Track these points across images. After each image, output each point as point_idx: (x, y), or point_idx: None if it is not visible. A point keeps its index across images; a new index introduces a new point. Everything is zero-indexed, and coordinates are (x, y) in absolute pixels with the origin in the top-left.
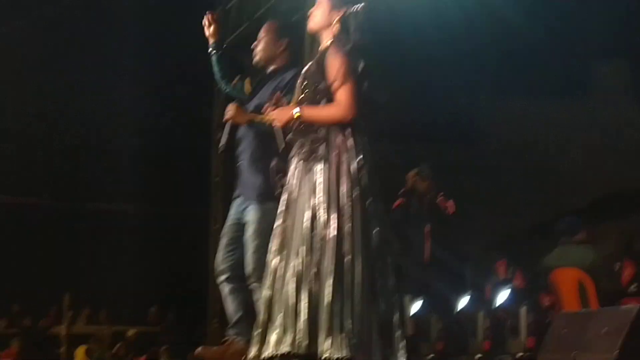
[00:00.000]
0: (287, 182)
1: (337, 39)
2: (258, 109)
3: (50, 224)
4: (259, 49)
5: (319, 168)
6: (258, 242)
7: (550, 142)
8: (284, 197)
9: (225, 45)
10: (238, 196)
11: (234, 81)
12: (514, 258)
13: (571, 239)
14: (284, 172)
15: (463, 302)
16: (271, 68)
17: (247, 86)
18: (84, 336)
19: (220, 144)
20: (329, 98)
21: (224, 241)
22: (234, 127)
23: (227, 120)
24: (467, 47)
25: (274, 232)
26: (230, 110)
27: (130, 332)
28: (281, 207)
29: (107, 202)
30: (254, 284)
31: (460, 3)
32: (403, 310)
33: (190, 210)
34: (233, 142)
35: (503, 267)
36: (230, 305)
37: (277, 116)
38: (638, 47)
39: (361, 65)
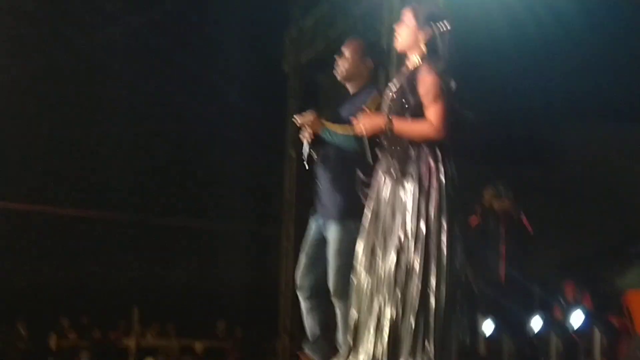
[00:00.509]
0: (372, 196)
1: (429, 58)
2: None
3: (120, 237)
4: (345, 66)
5: (410, 188)
6: (340, 260)
7: (625, 165)
8: (369, 212)
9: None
10: (316, 214)
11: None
12: (582, 280)
13: None
14: (369, 185)
15: (535, 323)
16: (353, 87)
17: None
18: (152, 349)
19: (305, 157)
20: (416, 114)
21: (303, 258)
22: (314, 140)
23: (302, 125)
24: (550, 69)
25: (358, 248)
26: (307, 116)
27: (198, 346)
28: (367, 222)
29: (177, 217)
30: (337, 301)
31: (542, 25)
32: (476, 331)
33: (261, 226)
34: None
35: (571, 289)
36: (309, 323)
37: (366, 122)
38: None
39: (453, 86)
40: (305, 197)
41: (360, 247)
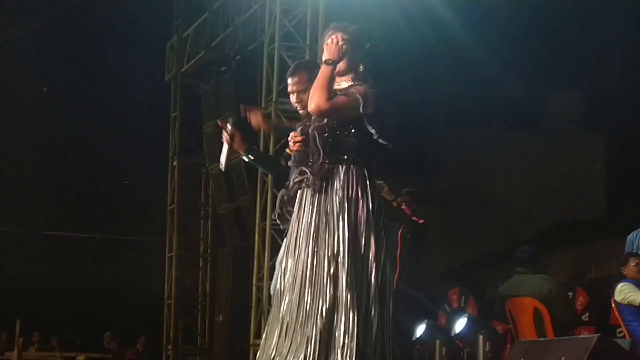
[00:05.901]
0: (295, 209)
1: (363, 78)
2: None
3: (2, 248)
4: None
5: (337, 202)
6: None
7: (503, 172)
8: (294, 226)
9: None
10: None
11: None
12: (467, 286)
13: (528, 268)
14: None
15: (420, 329)
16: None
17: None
18: None
19: (223, 160)
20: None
21: None
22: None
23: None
24: (422, 77)
25: (285, 259)
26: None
27: (80, 358)
28: (293, 232)
29: (60, 228)
30: None
31: (418, 32)
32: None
33: (145, 236)
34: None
35: (456, 296)
36: None
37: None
38: (590, 80)
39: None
40: (188, 206)
41: (287, 258)
